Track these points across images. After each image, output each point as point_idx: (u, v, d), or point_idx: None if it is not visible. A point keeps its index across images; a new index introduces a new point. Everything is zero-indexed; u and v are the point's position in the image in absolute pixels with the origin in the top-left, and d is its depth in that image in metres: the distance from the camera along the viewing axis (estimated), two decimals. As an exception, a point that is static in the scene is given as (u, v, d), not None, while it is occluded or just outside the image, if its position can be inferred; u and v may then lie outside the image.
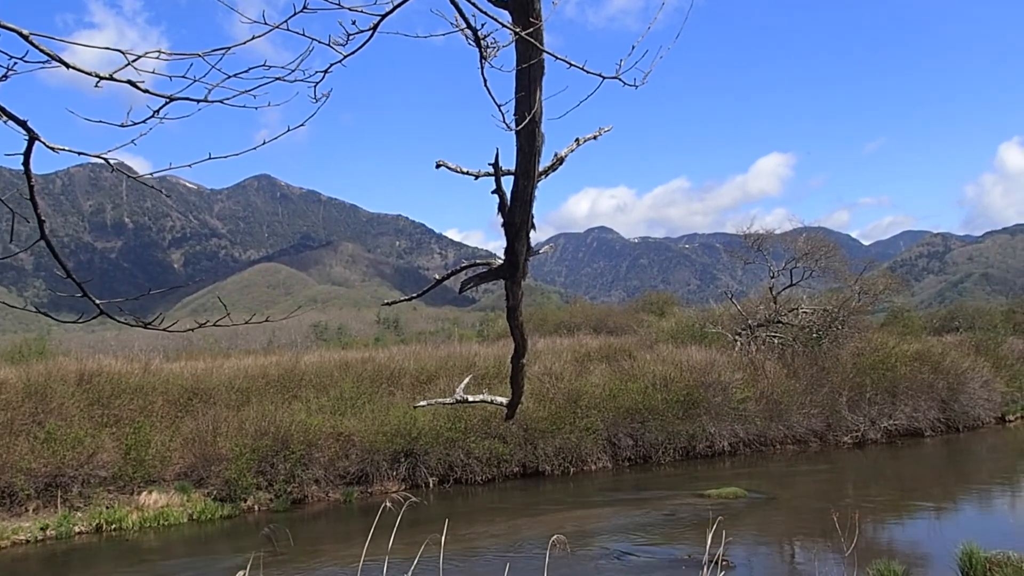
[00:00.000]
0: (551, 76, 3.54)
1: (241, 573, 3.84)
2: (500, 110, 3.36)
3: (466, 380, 6.09)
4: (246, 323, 2.42)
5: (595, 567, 14.43)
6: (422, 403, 6.22)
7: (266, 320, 2.51)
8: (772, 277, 35.66)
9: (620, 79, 3.12)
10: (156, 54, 2.02)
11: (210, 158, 2.26)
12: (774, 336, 33.25)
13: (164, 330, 2.29)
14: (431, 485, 22.42)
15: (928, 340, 38.64)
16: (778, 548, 16.53)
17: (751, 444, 26.67)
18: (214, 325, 2.32)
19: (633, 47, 3.11)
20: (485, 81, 3.29)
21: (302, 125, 2.41)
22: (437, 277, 4.99)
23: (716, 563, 9.53)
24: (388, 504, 6.08)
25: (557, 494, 21.90)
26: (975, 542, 11.55)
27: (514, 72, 3.53)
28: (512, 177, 4.08)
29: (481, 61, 3.28)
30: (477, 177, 4.36)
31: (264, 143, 2.35)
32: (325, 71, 2.96)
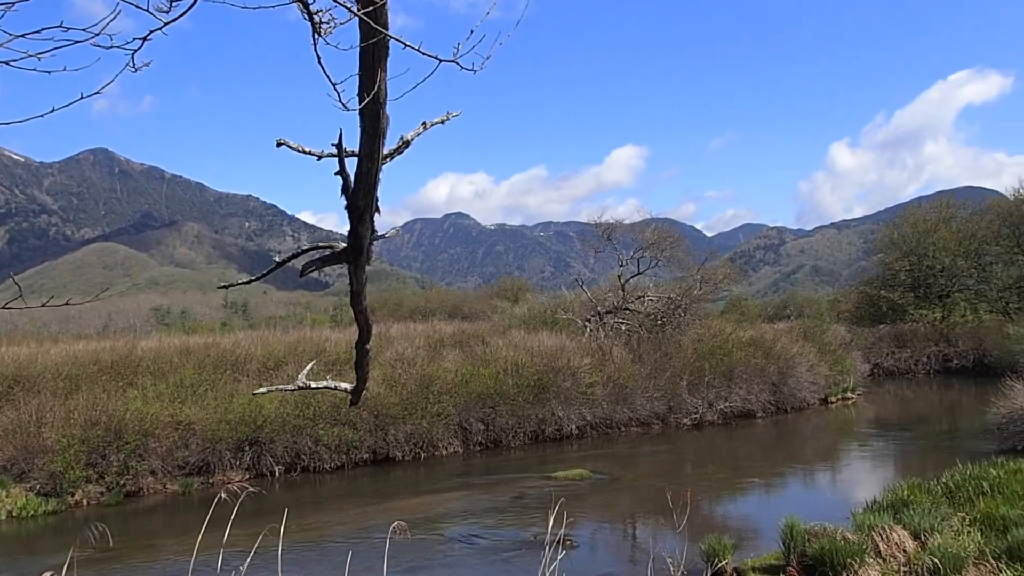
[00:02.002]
0: (400, 57, 3.45)
1: (49, 574, 3.57)
2: (336, 89, 3.25)
3: (309, 366, 5.93)
4: (43, 305, 2.23)
5: (442, 551, 14.49)
6: (262, 390, 6.01)
7: (67, 303, 2.32)
8: (621, 266, 36.86)
9: (457, 63, 3.09)
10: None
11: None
12: (621, 323, 34.39)
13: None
14: (277, 474, 21.80)
15: (762, 327, 41.10)
16: (620, 526, 17.15)
17: (598, 427, 27.52)
18: (2, 308, 2.11)
19: (472, 31, 3.09)
20: (319, 58, 3.18)
21: (97, 93, 2.24)
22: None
23: (559, 543, 9.76)
24: (224, 495, 5.84)
25: (407, 480, 21.82)
26: (796, 515, 12.33)
27: (357, 50, 3.43)
28: (357, 159, 3.99)
29: (315, 37, 3.16)
30: (320, 157, 4.23)
31: (54, 110, 2.16)
32: (144, 38, 2.77)
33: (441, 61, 3.10)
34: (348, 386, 5.63)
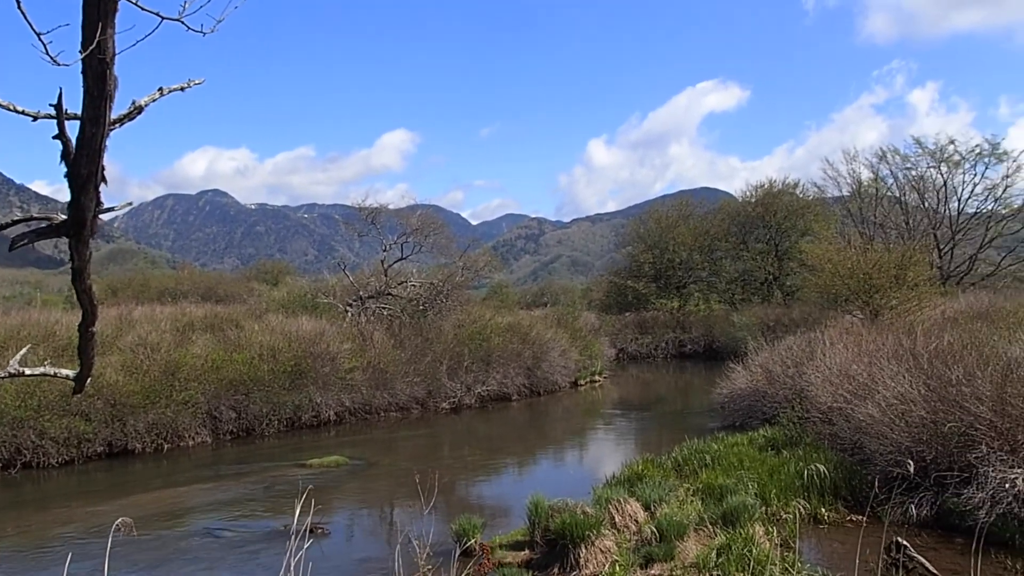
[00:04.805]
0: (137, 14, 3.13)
1: None
2: (41, 40, 2.90)
3: (23, 350, 5.36)
4: None
5: (183, 546, 13.68)
6: (-37, 377, 5.32)
7: None
8: (385, 251, 36.69)
9: (183, 22, 2.88)
10: None
11: None
12: (384, 308, 34.29)
13: None
14: (-8, 472, 19.51)
15: (520, 313, 42.80)
16: (376, 511, 17.12)
17: (356, 413, 27.26)
18: None
19: (202, -9, 2.89)
20: (19, 3, 2.82)
21: None
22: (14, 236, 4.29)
23: (309, 531, 9.56)
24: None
25: (148, 473, 20.36)
26: (543, 492, 12.98)
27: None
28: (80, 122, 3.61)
29: (12, -24, 2.81)
30: (35, 118, 3.78)
31: None
32: None
33: (163, 19, 2.87)
34: (71, 373, 5.16)
